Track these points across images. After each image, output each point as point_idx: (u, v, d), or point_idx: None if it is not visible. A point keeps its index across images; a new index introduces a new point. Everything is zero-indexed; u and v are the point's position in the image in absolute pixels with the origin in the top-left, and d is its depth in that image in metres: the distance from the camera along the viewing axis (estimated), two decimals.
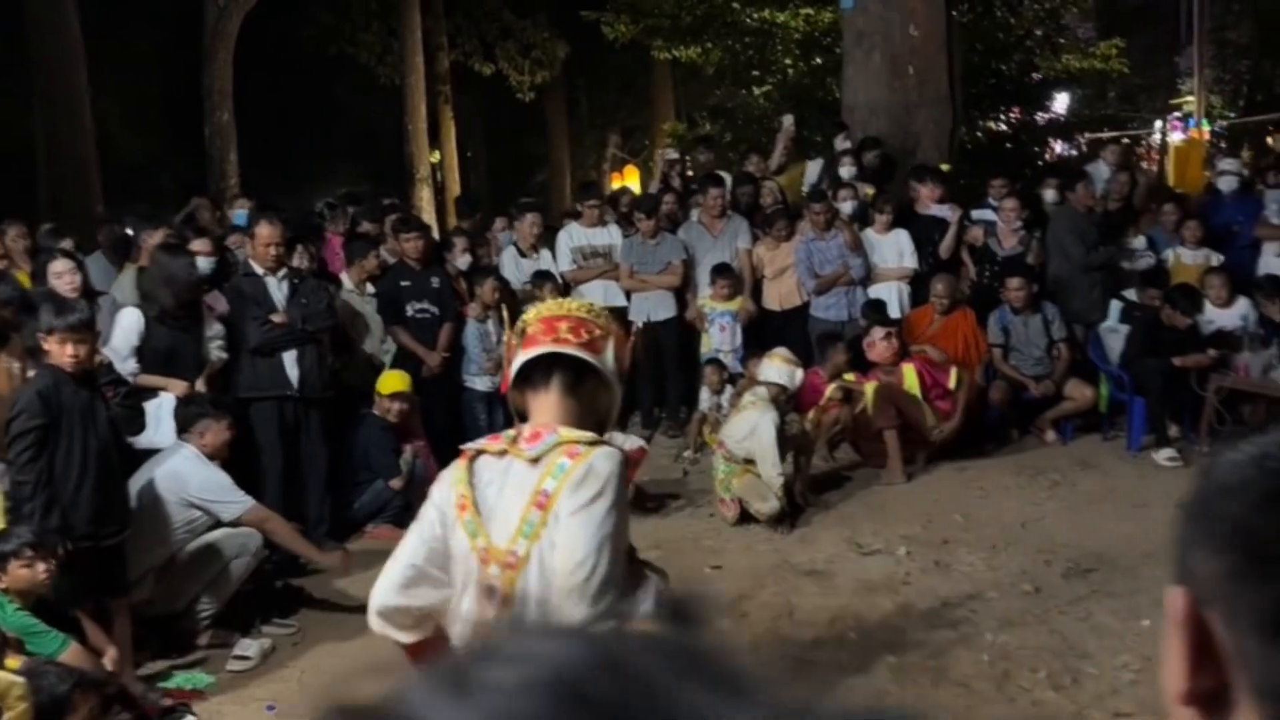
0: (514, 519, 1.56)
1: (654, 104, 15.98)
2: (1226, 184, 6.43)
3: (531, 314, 1.68)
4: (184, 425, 3.74)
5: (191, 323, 4.13)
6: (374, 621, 1.64)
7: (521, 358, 1.64)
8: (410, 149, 13.03)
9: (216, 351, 4.20)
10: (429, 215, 11.32)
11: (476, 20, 14.09)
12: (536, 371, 1.62)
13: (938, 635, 3.50)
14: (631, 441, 4.70)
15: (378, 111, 13.93)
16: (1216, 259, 5.96)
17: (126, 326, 4.03)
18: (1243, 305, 5.56)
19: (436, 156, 14.30)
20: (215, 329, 4.24)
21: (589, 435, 1.60)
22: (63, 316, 3.00)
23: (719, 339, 6.00)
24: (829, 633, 3.56)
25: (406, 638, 1.65)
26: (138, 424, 3.47)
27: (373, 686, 0.27)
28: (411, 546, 1.64)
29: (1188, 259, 6.05)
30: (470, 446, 1.67)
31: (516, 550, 1.56)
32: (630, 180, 12.99)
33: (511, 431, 1.65)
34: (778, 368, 4.74)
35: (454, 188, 13.15)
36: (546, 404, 1.62)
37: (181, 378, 3.87)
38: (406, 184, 12.89)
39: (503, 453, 1.61)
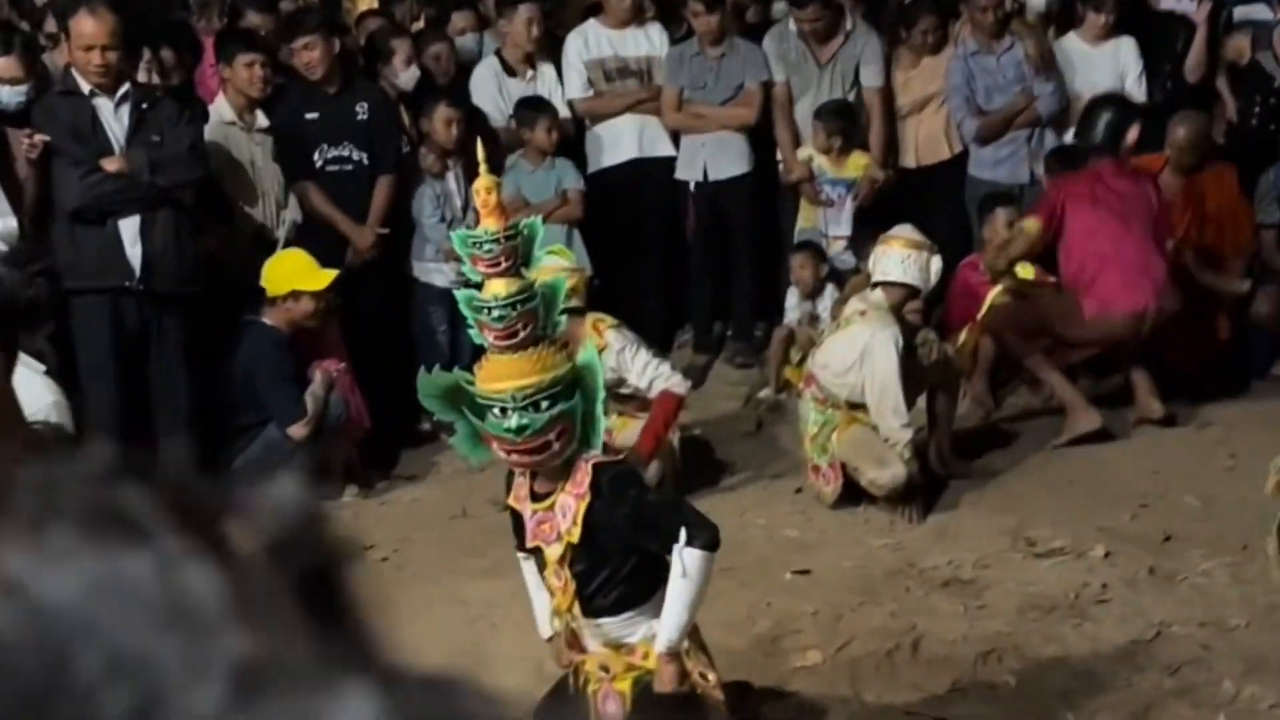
0: None
1: None
2: None
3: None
4: None
5: None
6: None
7: None
8: None
9: None
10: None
11: None
12: None
13: (1147, 683, 3.45)
14: (669, 381, 4.52)
15: None
16: None
17: None
18: None
19: None
20: None
21: None
22: None
23: (825, 216, 5.93)
24: (972, 677, 3.52)
25: None
26: None
27: None
28: None
29: None
30: None
31: None
32: None
33: None
34: (899, 257, 4.59)
35: None
36: None
37: None
38: None
39: None
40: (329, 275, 4.77)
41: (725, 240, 6.11)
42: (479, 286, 2.63)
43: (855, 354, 4.51)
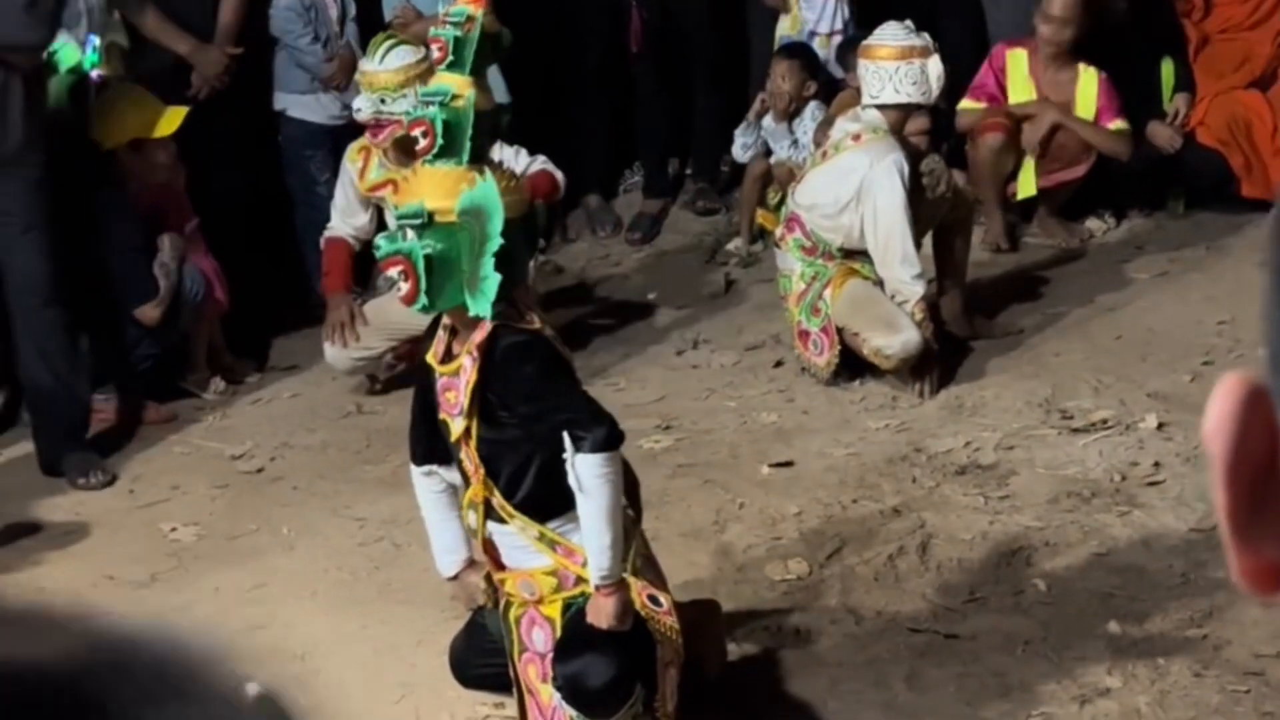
0: None
1: None
2: None
3: None
4: None
5: None
6: None
7: None
8: None
9: None
10: None
11: None
12: None
13: (1208, 581, 3.46)
14: (549, 165, 4.73)
15: None
16: None
17: None
18: None
19: None
20: None
21: None
22: None
23: (814, 10, 5.90)
24: (993, 583, 3.58)
25: None
26: None
27: None
28: None
29: None
30: None
31: None
32: None
33: None
34: (887, 71, 4.58)
35: None
36: None
37: None
38: None
39: None
40: (178, 114, 4.71)
41: (680, 52, 6.05)
42: None
43: (850, 189, 4.52)
